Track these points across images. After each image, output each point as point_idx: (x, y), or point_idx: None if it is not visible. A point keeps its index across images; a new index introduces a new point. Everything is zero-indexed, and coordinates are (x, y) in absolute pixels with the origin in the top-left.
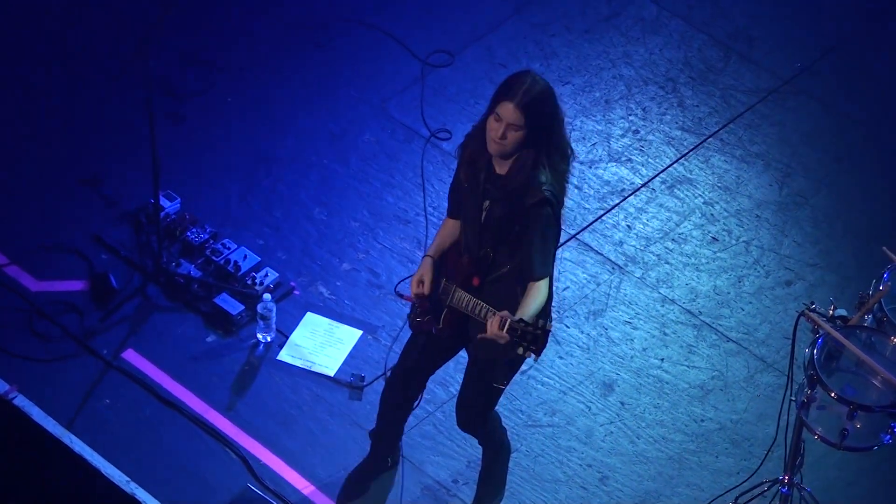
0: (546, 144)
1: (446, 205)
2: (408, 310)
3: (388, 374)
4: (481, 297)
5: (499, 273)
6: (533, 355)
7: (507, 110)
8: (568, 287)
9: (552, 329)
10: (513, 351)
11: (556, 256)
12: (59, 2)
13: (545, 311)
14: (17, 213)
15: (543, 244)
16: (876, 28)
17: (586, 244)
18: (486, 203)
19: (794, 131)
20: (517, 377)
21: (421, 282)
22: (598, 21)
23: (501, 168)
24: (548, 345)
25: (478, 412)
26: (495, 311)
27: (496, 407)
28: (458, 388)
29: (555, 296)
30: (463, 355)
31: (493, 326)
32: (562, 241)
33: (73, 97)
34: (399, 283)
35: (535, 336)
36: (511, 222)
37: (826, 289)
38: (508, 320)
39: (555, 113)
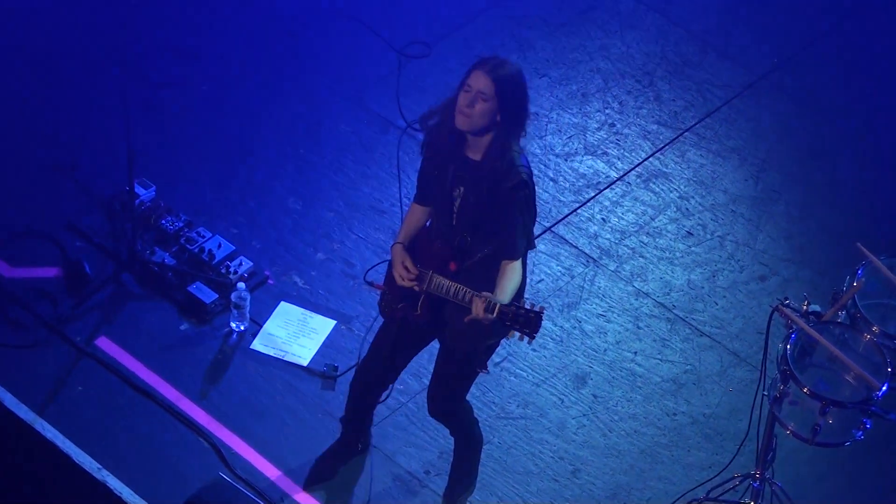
0: (516, 127)
1: None
2: (378, 298)
3: (360, 362)
4: (458, 281)
5: (476, 258)
6: (527, 338)
7: (478, 78)
8: (542, 279)
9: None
10: (491, 339)
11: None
12: None
13: (520, 294)
14: None
15: (524, 225)
16: (851, 25)
17: (561, 237)
18: (460, 189)
19: (769, 127)
20: (490, 369)
21: (406, 269)
22: (575, 14)
23: (475, 153)
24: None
25: (452, 399)
26: (478, 293)
27: (468, 397)
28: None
29: (529, 287)
30: (433, 344)
31: (478, 309)
32: (537, 233)
33: (49, 84)
34: (368, 270)
35: (528, 319)
36: (488, 206)
37: (800, 284)
38: (498, 304)
39: (525, 96)
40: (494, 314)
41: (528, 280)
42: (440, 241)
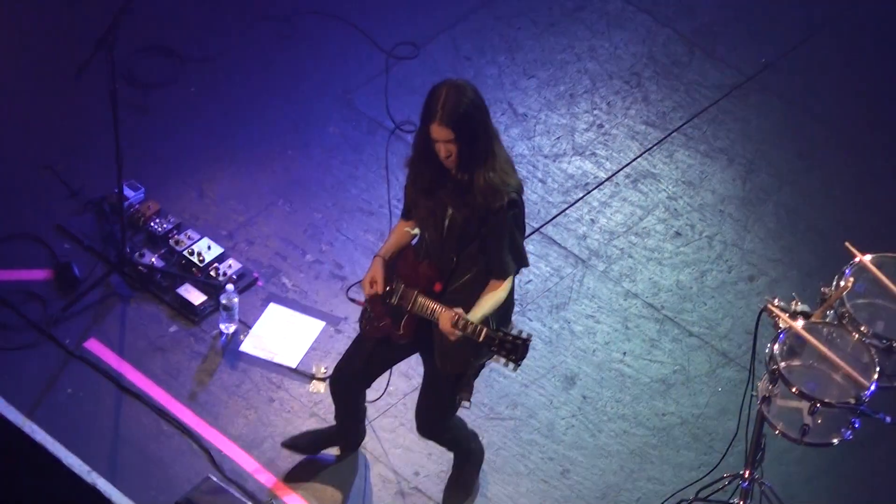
0: (487, 144)
1: None
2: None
3: (337, 363)
4: (443, 303)
5: (462, 280)
6: (512, 365)
7: (438, 130)
8: (531, 280)
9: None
10: (479, 360)
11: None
12: None
13: (506, 317)
14: None
15: (512, 243)
16: (839, 26)
17: (550, 237)
18: (449, 211)
19: (757, 127)
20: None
21: (373, 282)
22: (563, 15)
23: (463, 176)
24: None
25: (435, 422)
26: (450, 308)
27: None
28: (421, 380)
29: (518, 288)
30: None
31: (444, 321)
32: (526, 234)
33: (37, 86)
34: (350, 287)
35: (514, 346)
36: (475, 227)
37: (788, 284)
38: (485, 329)
39: (483, 115)
40: (481, 338)
41: (516, 281)
42: (427, 261)
